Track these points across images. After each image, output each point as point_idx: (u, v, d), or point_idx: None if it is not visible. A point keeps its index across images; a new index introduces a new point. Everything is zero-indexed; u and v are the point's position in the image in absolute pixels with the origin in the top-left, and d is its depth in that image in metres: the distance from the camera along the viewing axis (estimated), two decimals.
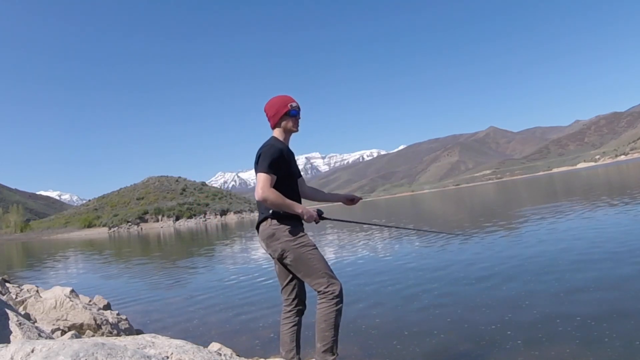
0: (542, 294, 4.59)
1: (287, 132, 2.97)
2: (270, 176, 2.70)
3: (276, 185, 2.74)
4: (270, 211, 2.79)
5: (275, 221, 2.80)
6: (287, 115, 2.92)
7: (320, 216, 2.87)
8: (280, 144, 2.88)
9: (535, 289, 4.85)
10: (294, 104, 2.93)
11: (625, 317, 3.56)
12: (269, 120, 2.98)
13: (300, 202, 2.92)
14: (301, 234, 2.83)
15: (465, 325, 3.97)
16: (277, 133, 2.95)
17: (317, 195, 3.29)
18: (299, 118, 2.97)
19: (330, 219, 3.07)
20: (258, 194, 2.68)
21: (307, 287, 2.98)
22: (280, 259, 2.84)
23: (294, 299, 2.95)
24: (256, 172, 2.75)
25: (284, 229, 2.78)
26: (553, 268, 5.70)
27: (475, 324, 3.97)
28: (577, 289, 4.57)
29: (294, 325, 2.93)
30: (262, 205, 2.83)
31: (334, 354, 2.72)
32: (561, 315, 3.81)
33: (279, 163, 2.76)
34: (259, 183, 2.69)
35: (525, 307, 4.25)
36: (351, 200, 3.27)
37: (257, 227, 2.92)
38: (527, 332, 3.57)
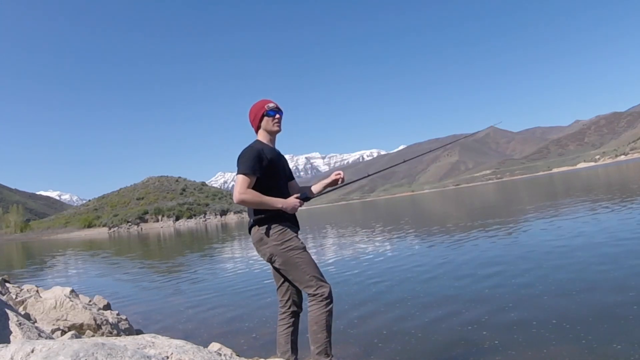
0: (521, 296, 4.62)
1: (271, 133, 2.99)
2: (249, 178, 2.73)
3: (260, 187, 2.76)
4: (253, 218, 2.84)
5: (263, 225, 2.82)
6: (265, 116, 2.95)
7: (305, 199, 2.90)
8: (259, 145, 2.90)
9: (515, 290, 4.88)
10: (271, 105, 2.98)
11: (601, 319, 3.60)
12: (252, 126, 3.02)
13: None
14: (290, 237, 2.83)
15: (442, 325, 4.02)
16: (261, 136, 2.99)
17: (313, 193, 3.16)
18: (280, 117, 2.99)
19: (314, 197, 3.08)
20: (235, 197, 2.72)
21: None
22: (270, 263, 2.88)
23: (287, 300, 2.99)
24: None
25: (272, 232, 2.81)
26: (536, 270, 5.72)
27: (454, 324, 4.02)
28: (556, 292, 4.59)
29: (289, 327, 2.95)
30: (250, 209, 2.88)
31: (328, 356, 2.74)
32: (538, 317, 3.86)
33: (258, 164, 2.77)
34: (236, 186, 2.74)
35: (504, 308, 4.28)
36: (334, 179, 3.08)
37: (250, 232, 2.96)
38: (504, 333, 3.62)
